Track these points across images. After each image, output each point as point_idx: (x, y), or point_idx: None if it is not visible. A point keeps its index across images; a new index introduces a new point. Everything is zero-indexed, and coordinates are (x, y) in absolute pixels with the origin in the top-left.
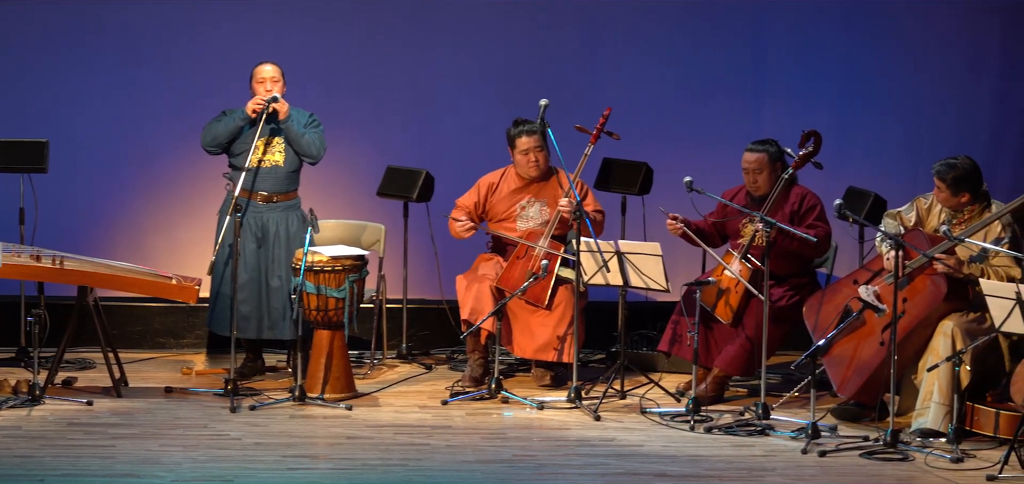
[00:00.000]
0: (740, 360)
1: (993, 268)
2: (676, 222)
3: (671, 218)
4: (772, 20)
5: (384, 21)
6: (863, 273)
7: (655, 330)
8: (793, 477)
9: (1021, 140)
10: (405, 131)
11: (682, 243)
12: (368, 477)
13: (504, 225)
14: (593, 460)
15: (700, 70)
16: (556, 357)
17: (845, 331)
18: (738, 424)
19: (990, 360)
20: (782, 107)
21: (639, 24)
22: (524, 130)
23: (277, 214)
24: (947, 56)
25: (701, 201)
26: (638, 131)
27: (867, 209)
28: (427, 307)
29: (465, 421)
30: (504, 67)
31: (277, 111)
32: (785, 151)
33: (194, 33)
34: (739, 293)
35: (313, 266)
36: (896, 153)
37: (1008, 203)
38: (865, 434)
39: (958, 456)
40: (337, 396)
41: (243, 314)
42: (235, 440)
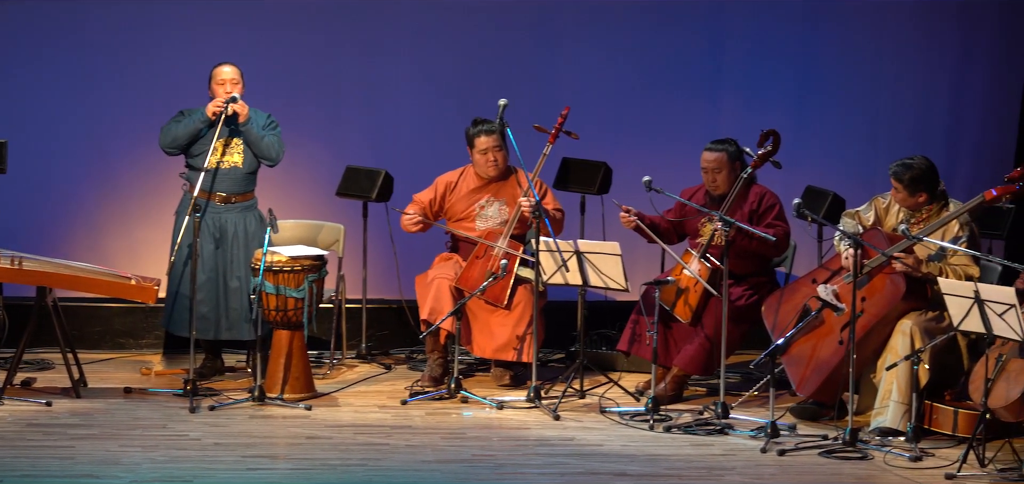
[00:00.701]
0: (699, 359)
1: (951, 267)
2: (629, 215)
3: (623, 210)
4: (730, 19)
5: (342, 21)
6: (822, 272)
7: (614, 329)
8: (752, 476)
9: (978, 139)
10: (364, 131)
11: (641, 243)
12: (328, 477)
13: (463, 224)
14: (553, 460)
15: (658, 69)
16: (515, 357)
17: (804, 330)
18: (697, 423)
19: (949, 359)
20: (740, 106)
21: (597, 23)
22: (483, 130)
23: (235, 215)
24: (904, 56)
25: (660, 200)
26: (597, 130)
27: (826, 208)
28: (386, 307)
29: (425, 421)
30: (463, 67)
31: (237, 113)
32: (744, 150)
33: (151, 33)
34: (698, 292)
35: (272, 266)
36: (854, 152)
37: (965, 202)
38: (824, 433)
39: (917, 455)
40: (297, 396)
41: (202, 314)
42: (194, 440)
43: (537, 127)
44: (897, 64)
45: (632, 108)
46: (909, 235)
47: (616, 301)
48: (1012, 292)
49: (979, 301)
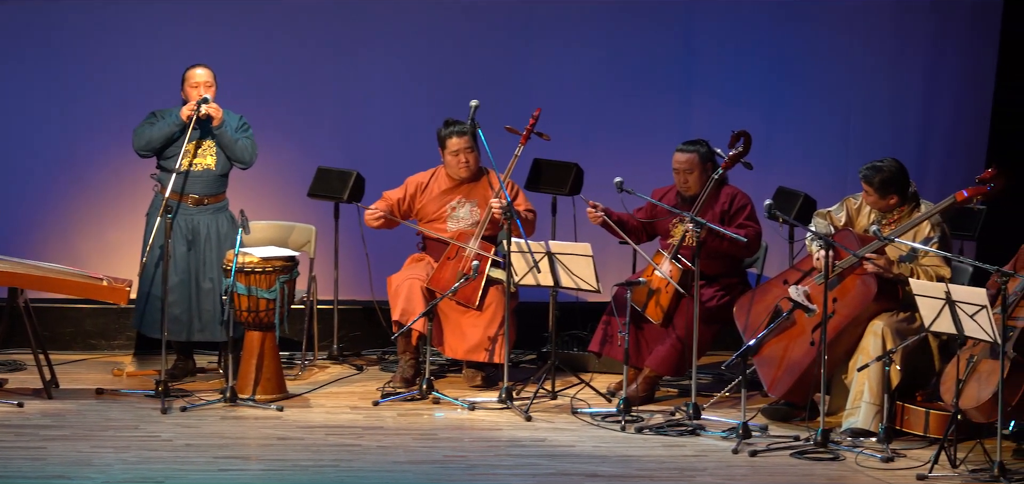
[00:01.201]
0: (671, 360)
1: (923, 268)
2: (596, 210)
3: (591, 206)
4: (701, 20)
5: (314, 22)
6: (793, 273)
7: (586, 330)
8: (724, 477)
9: (949, 140)
10: (335, 132)
11: (613, 244)
12: (299, 478)
13: (434, 226)
14: (524, 460)
15: (630, 69)
16: (487, 358)
17: (775, 331)
18: (669, 424)
19: (920, 360)
20: (712, 107)
21: (569, 23)
22: (455, 131)
23: (207, 216)
24: (875, 56)
25: (632, 201)
26: (568, 131)
27: (797, 209)
28: (358, 308)
29: (396, 422)
30: (434, 67)
31: (211, 116)
32: (715, 151)
33: (122, 35)
34: (669, 293)
35: (244, 267)
36: (825, 154)
37: (937, 203)
38: (796, 434)
39: (888, 455)
40: (268, 397)
41: (174, 316)
42: (166, 441)
43: (509, 128)
44: (868, 65)
45: (604, 109)
46: (881, 236)
47: (587, 302)
48: (983, 293)
49: (950, 302)
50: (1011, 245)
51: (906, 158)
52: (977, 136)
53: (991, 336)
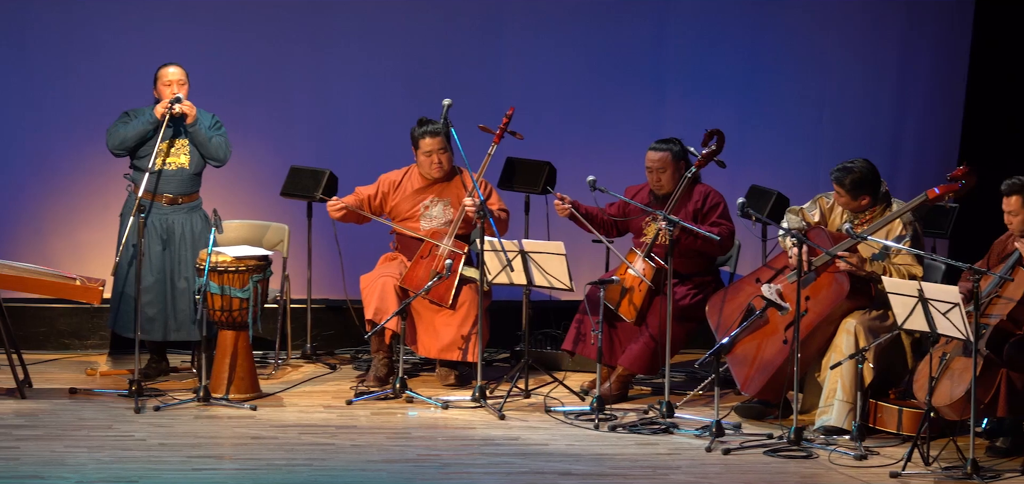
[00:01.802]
0: (644, 358)
1: (895, 266)
2: (563, 203)
3: (559, 198)
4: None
5: (286, 20)
6: (766, 271)
7: (559, 329)
8: (697, 475)
9: (921, 138)
10: (308, 131)
11: (586, 243)
12: (273, 477)
13: (408, 224)
14: (498, 459)
15: (603, 68)
16: (461, 356)
17: (748, 329)
18: (642, 422)
19: (893, 358)
20: (685, 105)
21: (542, 22)
22: (428, 131)
23: (181, 215)
24: (848, 56)
25: (604, 200)
26: (542, 129)
27: (770, 207)
28: (331, 307)
29: (370, 421)
30: (407, 66)
31: (184, 114)
32: (688, 150)
33: (94, 34)
34: (643, 292)
35: (217, 266)
36: (798, 152)
37: (908, 201)
38: (769, 432)
39: (862, 453)
40: (242, 396)
41: (149, 316)
42: (140, 441)
43: (482, 127)
44: (841, 64)
45: (577, 107)
46: (853, 234)
47: (561, 301)
48: (956, 291)
49: (923, 300)
50: (983, 243)
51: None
52: (949, 134)
53: (964, 334)
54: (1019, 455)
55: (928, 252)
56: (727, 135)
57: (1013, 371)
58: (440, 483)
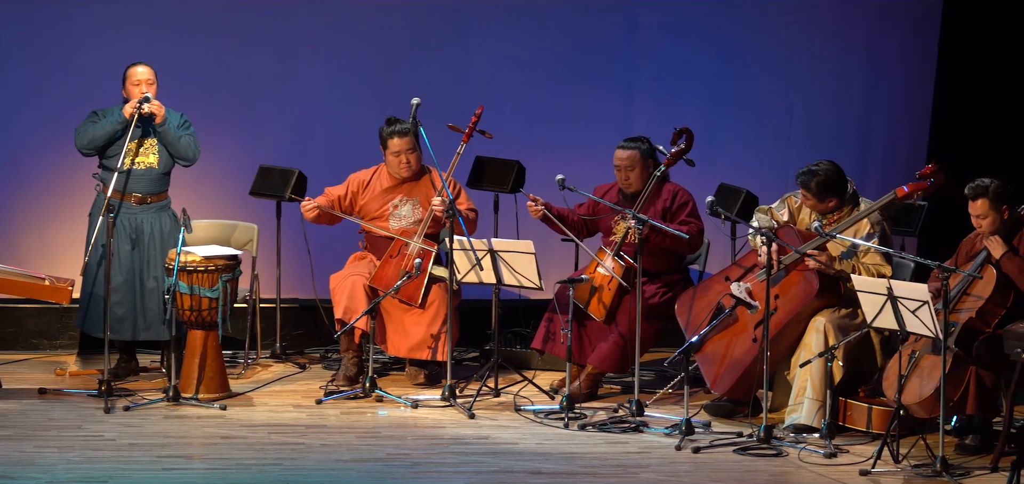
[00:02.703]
0: (613, 357)
1: (864, 265)
2: (536, 204)
3: (531, 200)
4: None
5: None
6: (735, 269)
7: (528, 328)
8: (667, 473)
9: (890, 136)
10: (277, 130)
11: (555, 242)
12: (243, 477)
13: (377, 223)
14: (467, 458)
15: (572, 66)
16: (430, 355)
17: (718, 328)
18: (612, 421)
19: (862, 356)
20: (654, 104)
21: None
22: (396, 131)
23: (151, 215)
24: (816, 54)
25: (574, 199)
26: (510, 128)
27: (739, 206)
28: (301, 306)
29: (340, 420)
30: (376, 65)
31: (153, 114)
32: (657, 148)
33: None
34: (612, 290)
35: (186, 266)
36: (767, 150)
37: (877, 200)
38: (738, 430)
39: (831, 451)
40: (211, 396)
41: (118, 316)
42: (110, 441)
43: (451, 126)
44: (810, 62)
45: (546, 106)
46: (822, 232)
47: (530, 299)
48: (925, 289)
49: (892, 298)
50: (952, 241)
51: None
52: (918, 132)
53: (933, 331)
54: (988, 453)
55: (897, 250)
56: (696, 133)
57: (982, 369)
58: (410, 482)
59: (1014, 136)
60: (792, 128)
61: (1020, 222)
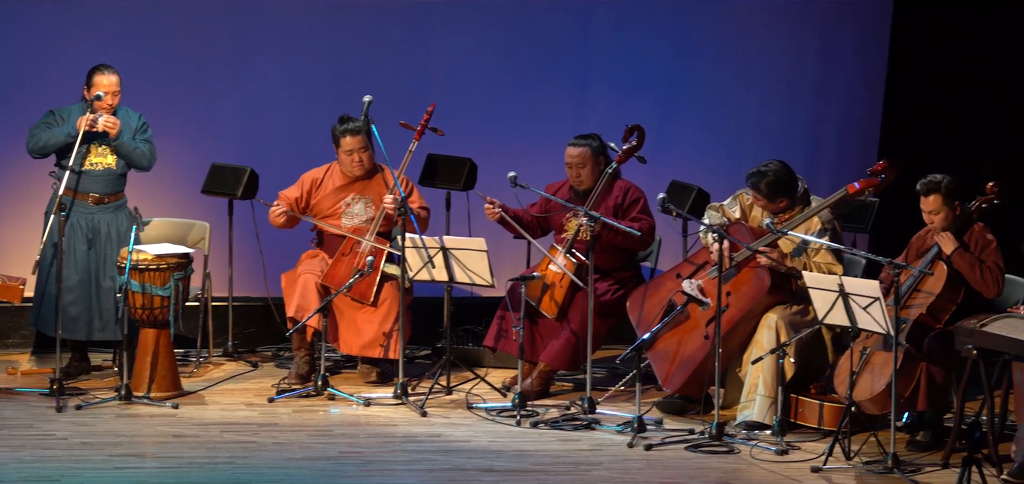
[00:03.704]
0: (565, 355)
1: (815, 264)
2: (493, 207)
3: (488, 202)
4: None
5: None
6: (686, 266)
7: (480, 325)
8: (619, 471)
9: (841, 133)
10: (229, 129)
11: (508, 239)
12: (195, 475)
13: (329, 221)
14: (420, 456)
15: (524, 62)
16: (382, 353)
17: (669, 325)
18: (564, 419)
19: (814, 352)
20: (606, 102)
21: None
22: (348, 130)
23: (107, 214)
24: (767, 52)
25: (525, 195)
26: (462, 126)
27: (690, 203)
28: (253, 304)
29: (292, 418)
30: (328, 62)
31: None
32: (608, 145)
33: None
34: (564, 288)
35: (138, 265)
36: (718, 148)
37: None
38: (690, 427)
39: (783, 448)
40: (163, 395)
41: (73, 315)
42: (62, 440)
43: (403, 124)
44: (762, 58)
45: (498, 103)
46: (774, 228)
47: (482, 297)
48: (876, 285)
49: (844, 294)
50: (903, 237)
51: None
52: (869, 129)
53: (884, 328)
54: (939, 449)
55: (849, 247)
56: (648, 130)
57: (933, 365)
58: (362, 480)
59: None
60: (743, 125)
61: (970, 218)
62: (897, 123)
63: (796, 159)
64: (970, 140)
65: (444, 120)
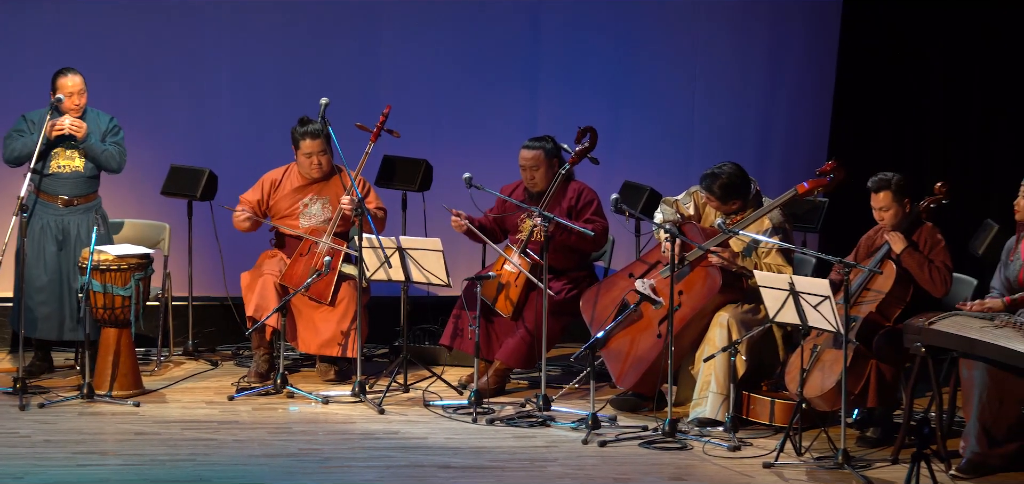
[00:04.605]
0: (520, 353)
1: (765, 264)
2: (460, 218)
3: (455, 215)
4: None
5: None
6: (639, 266)
7: (437, 324)
8: (574, 467)
9: (790, 133)
10: (188, 130)
11: (463, 239)
12: (157, 472)
13: (287, 222)
14: (377, 453)
15: (479, 65)
16: (340, 352)
17: (623, 324)
18: (519, 416)
19: (765, 350)
20: (559, 103)
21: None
22: (309, 133)
23: (77, 216)
24: (717, 54)
25: (481, 197)
26: (418, 127)
27: (643, 203)
28: (212, 304)
29: (252, 416)
30: (285, 65)
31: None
32: (562, 147)
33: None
34: (519, 287)
35: (99, 265)
36: (669, 149)
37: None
38: (644, 424)
39: (735, 444)
40: (125, 393)
41: (44, 315)
42: (24, 437)
43: (359, 125)
44: (711, 60)
45: (453, 105)
46: (725, 228)
47: (438, 296)
48: (826, 284)
49: (794, 293)
50: (852, 237)
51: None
52: (818, 129)
53: (834, 326)
54: (889, 445)
55: (799, 246)
56: (600, 132)
57: (882, 362)
58: (321, 477)
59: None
60: (694, 126)
61: (920, 218)
62: (846, 124)
63: (746, 160)
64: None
65: (399, 122)
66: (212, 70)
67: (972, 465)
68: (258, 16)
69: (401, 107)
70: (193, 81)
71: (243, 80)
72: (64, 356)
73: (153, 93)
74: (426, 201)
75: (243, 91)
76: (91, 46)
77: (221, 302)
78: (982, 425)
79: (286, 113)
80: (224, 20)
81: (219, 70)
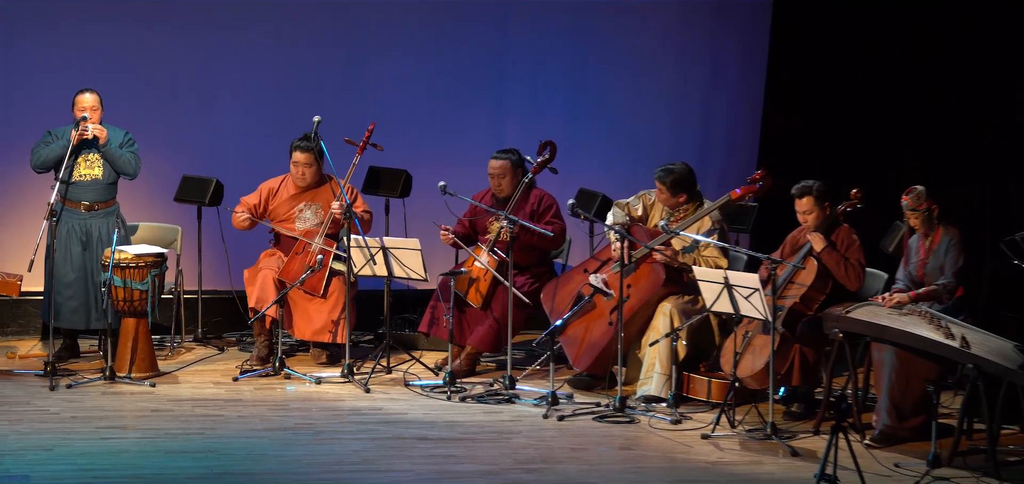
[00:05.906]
0: (489, 339)
1: (704, 259)
2: (447, 233)
3: (443, 230)
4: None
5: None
6: (593, 263)
7: (416, 314)
8: (536, 438)
9: (726, 144)
10: (198, 144)
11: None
12: (171, 444)
13: (285, 225)
14: (364, 427)
15: (452, 90)
16: (331, 339)
17: (578, 313)
18: (488, 394)
19: (703, 336)
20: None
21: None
22: (299, 146)
23: (98, 220)
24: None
25: (454, 203)
26: (400, 141)
27: (596, 207)
28: (219, 297)
29: (253, 395)
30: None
31: (97, 137)
32: (525, 158)
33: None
34: (487, 281)
35: (120, 263)
36: (618, 158)
37: (715, 201)
38: (597, 401)
39: (677, 418)
40: (142, 375)
41: (71, 308)
42: (54, 414)
43: (347, 140)
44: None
45: (430, 122)
46: (668, 230)
47: (417, 289)
48: (756, 278)
49: (728, 286)
50: (779, 236)
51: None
52: (750, 140)
53: (763, 315)
54: (811, 418)
55: (733, 245)
56: (558, 144)
57: (805, 347)
58: (314, 447)
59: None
60: (639, 139)
61: (838, 220)
62: (773, 135)
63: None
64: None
65: (382, 136)
66: (220, 91)
67: (883, 436)
68: (261, 43)
69: (384, 124)
70: (203, 101)
71: (247, 100)
72: (88, 343)
73: (167, 111)
74: (406, 206)
75: (247, 110)
76: (112, 69)
77: (227, 295)
78: (892, 401)
79: (285, 128)
80: (230, 46)
81: (226, 91)
